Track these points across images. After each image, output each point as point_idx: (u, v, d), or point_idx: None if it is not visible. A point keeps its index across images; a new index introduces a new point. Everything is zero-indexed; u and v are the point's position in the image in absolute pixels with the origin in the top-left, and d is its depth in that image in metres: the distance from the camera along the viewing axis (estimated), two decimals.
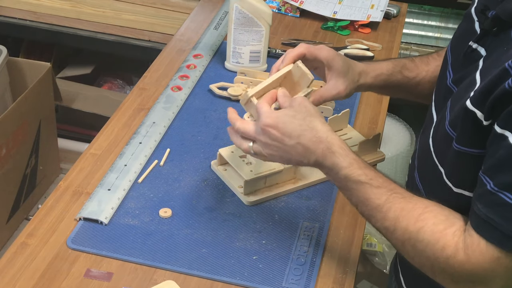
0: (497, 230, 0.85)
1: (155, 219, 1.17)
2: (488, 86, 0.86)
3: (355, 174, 0.98)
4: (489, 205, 0.86)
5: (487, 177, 0.87)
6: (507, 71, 0.84)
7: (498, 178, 0.85)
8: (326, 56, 1.16)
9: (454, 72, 1.04)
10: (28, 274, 1.05)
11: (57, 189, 1.22)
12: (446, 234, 0.91)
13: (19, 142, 2.01)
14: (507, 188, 0.84)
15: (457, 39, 1.07)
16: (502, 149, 0.84)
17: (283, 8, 1.92)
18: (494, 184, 0.85)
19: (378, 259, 2.31)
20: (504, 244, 0.85)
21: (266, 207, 1.22)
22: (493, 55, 0.93)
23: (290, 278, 1.07)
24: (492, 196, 0.85)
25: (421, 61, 1.28)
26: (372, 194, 0.97)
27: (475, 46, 0.99)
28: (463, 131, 0.92)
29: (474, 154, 0.91)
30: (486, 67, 0.93)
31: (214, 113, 1.47)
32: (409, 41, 2.67)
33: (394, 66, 1.25)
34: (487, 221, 0.86)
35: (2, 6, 2.45)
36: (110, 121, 1.41)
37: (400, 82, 1.26)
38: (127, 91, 2.67)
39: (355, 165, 0.99)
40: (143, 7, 2.37)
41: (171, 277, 1.06)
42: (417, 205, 0.95)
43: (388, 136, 2.42)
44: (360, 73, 1.21)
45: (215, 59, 1.66)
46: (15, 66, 2.15)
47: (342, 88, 1.17)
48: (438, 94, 1.09)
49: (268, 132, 1.02)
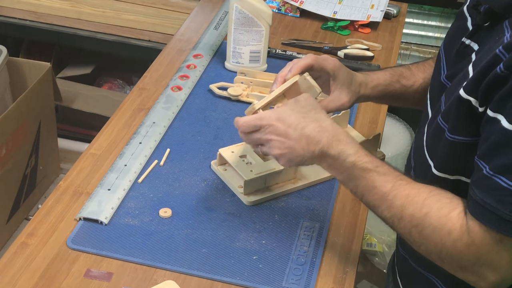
0: (493, 214, 0.86)
1: (155, 219, 1.17)
2: (481, 73, 0.88)
3: (362, 161, 0.98)
4: (485, 189, 0.86)
5: (483, 161, 0.87)
6: (498, 56, 0.85)
7: (493, 162, 0.86)
8: (332, 67, 1.17)
9: (448, 69, 1.05)
10: (28, 274, 1.05)
11: (57, 189, 1.22)
12: (451, 218, 0.91)
13: (19, 142, 2.01)
14: (502, 172, 0.84)
15: (450, 38, 1.09)
16: (495, 132, 0.85)
17: (283, 8, 1.92)
18: (489, 168, 0.86)
19: (378, 259, 2.31)
20: (502, 227, 0.86)
21: (266, 207, 1.22)
22: (485, 47, 0.94)
23: (290, 278, 1.07)
24: (487, 180, 0.86)
25: (417, 68, 1.29)
26: (379, 182, 0.97)
27: (468, 42, 1.00)
28: (457, 120, 0.93)
29: (468, 142, 0.92)
30: (478, 59, 0.94)
31: (214, 113, 1.47)
32: (409, 41, 2.67)
33: (391, 76, 1.27)
34: (483, 205, 0.87)
35: (2, 6, 2.45)
36: (110, 121, 1.41)
37: (398, 92, 1.27)
38: (127, 91, 2.67)
39: (362, 152, 1.00)
40: (143, 7, 2.37)
41: (171, 277, 1.06)
42: (421, 190, 0.95)
43: (388, 136, 2.42)
44: (361, 84, 1.22)
45: (215, 59, 1.66)
46: (15, 66, 2.15)
47: (346, 99, 1.19)
48: (432, 91, 1.10)
49: (273, 126, 1.02)
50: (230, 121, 1.43)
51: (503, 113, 0.84)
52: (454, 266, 0.93)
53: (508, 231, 0.85)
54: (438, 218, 0.92)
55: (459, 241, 0.90)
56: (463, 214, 0.91)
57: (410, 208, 0.94)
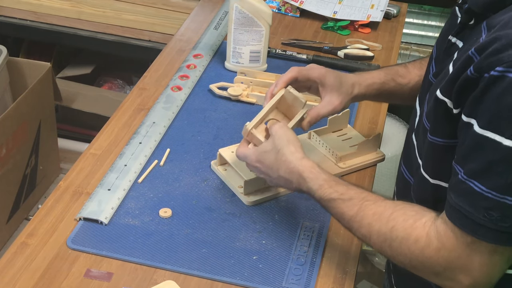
0: (468, 219, 0.87)
1: (155, 219, 1.17)
2: (455, 74, 0.88)
3: (326, 194, 1.04)
4: (461, 194, 0.88)
5: (459, 166, 0.88)
6: (470, 58, 0.86)
7: (467, 166, 0.87)
8: (318, 75, 1.22)
9: (436, 67, 1.06)
10: (28, 274, 1.05)
11: (57, 189, 1.22)
12: (417, 227, 0.94)
13: (19, 142, 2.01)
14: (475, 176, 0.85)
15: (442, 36, 1.10)
16: (468, 137, 0.86)
17: (283, 8, 1.92)
18: (464, 172, 0.87)
19: (378, 259, 2.32)
20: (476, 231, 0.87)
21: (266, 207, 1.22)
22: (465, 47, 0.95)
23: (290, 278, 1.07)
24: (462, 184, 0.87)
25: (413, 66, 1.30)
26: (345, 208, 1.02)
27: (454, 40, 1.01)
28: (436, 121, 0.94)
29: (446, 145, 0.93)
30: (457, 59, 0.94)
31: (214, 113, 1.47)
32: (409, 41, 2.67)
33: (386, 74, 1.29)
34: (459, 210, 0.88)
35: (2, 6, 2.45)
36: (110, 121, 1.41)
37: (393, 90, 1.29)
38: (127, 91, 2.67)
39: (325, 186, 1.05)
40: (143, 7, 2.37)
41: (171, 277, 1.06)
42: (387, 207, 0.99)
43: (388, 136, 2.42)
44: (353, 84, 1.24)
45: (215, 59, 1.66)
46: (15, 66, 2.15)
47: (337, 103, 1.22)
48: (422, 88, 1.12)
49: (256, 166, 1.14)
50: (230, 121, 1.43)
51: (475, 117, 0.85)
52: (427, 272, 0.95)
53: (482, 235, 0.87)
54: (404, 229, 0.95)
55: (427, 248, 0.92)
56: (430, 222, 0.94)
57: (377, 225, 0.98)
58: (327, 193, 1.04)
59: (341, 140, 1.37)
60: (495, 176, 0.83)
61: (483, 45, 0.84)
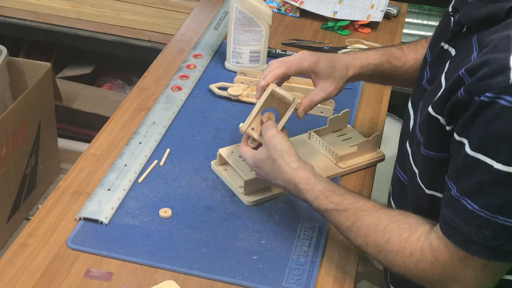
0: (462, 235, 0.88)
1: (155, 219, 1.17)
2: (446, 93, 0.89)
3: (322, 205, 1.06)
4: (454, 210, 0.89)
5: (452, 182, 0.89)
6: (461, 79, 0.86)
7: (459, 184, 0.88)
8: (309, 65, 1.19)
9: (430, 72, 1.06)
10: (28, 274, 1.05)
11: (57, 189, 1.22)
12: (411, 241, 0.95)
13: (19, 142, 2.01)
14: (467, 195, 0.87)
15: (436, 38, 1.10)
16: (461, 156, 0.87)
17: (283, 8, 1.92)
18: (456, 190, 0.88)
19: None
20: (469, 248, 0.89)
21: (266, 207, 1.22)
22: (457, 58, 0.95)
23: (290, 278, 1.07)
24: (455, 201, 0.88)
25: (409, 48, 1.30)
26: (341, 218, 1.04)
27: (446, 47, 1.01)
28: (429, 136, 0.95)
29: (441, 158, 0.94)
30: (449, 71, 0.95)
31: (214, 113, 1.46)
32: (409, 41, 2.66)
33: (381, 55, 1.27)
34: (452, 225, 0.89)
35: (2, 6, 2.45)
36: (110, 121, 1.41)
37: (388, 72, 1.28)
38: (127, 91, 2.67)
39: (321, 197, 1.06)
40: (143, 7, 2.37)
41: (171, 277, 1.06)
42: (382, 218, 1.00)
43: (388, 136, 2.41)
44: (347, 66, 1.23)
45: (215, 59, 1.66)
46: (15, 66, 2.15)
47: (331, 89, 1.21)
48: (415, 92, 1.12)
49: (256, 171, 1.16)
50: (230, 121, 1.43)
51: (467, 138, 0.86)
52: (423, 283, 0.98)
53: (474, 252, 0.88)
54: (398, 242, 0.97)
55: (421, 262, 0.94)
56: (424, 236, 0.95)
57: (372, 237, 1.00)
58: (322, 204, 1.06)
59: (341, 140, 1.37)
60: (487, 196, 0.84)
61: (473, 67, 0.85)
